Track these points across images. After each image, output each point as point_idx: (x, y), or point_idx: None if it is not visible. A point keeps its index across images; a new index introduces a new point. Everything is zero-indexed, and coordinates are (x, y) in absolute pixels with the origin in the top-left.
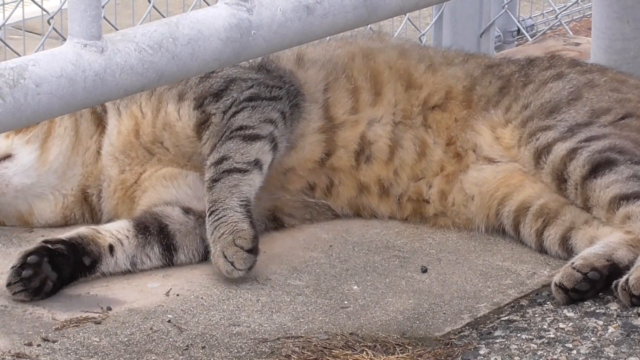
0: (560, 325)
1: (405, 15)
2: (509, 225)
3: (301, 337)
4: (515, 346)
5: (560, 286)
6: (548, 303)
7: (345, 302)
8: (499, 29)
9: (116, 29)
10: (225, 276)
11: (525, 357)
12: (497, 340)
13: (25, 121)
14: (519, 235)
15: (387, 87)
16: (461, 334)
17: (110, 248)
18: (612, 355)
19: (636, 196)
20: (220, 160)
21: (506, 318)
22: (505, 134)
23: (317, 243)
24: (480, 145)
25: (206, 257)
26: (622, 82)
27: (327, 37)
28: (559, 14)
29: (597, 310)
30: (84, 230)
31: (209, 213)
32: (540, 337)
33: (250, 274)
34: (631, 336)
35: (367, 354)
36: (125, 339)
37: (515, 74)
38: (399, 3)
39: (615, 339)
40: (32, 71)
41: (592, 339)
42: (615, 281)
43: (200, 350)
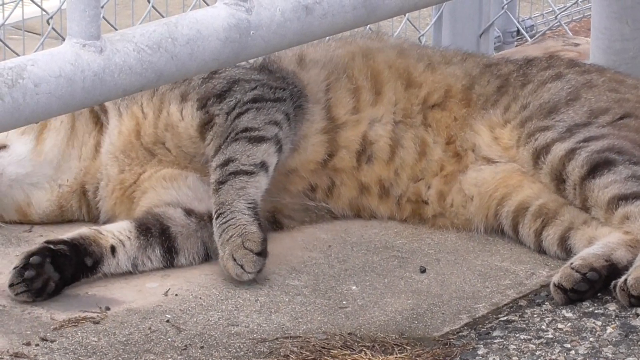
0: (559, 325)
1: (404, 15)
2: (507, 226)
3: (300, 337)
4: (514, 346)
5: (559, 286)
6: (547, 303)
7: (344, 302)
8: (499, 30)
9: (115, 29)
10: (235, 279)
11: (524, 358)
12: (496, 341)
13: (24, 121)
14: (518, 235)
15: (387, 86)
16: (460, 334)
17: (112, 249)
18: (611, 355)
19: (635, 196)
20: (226, 162)
21: (505, 318)
22: (504, 134)
23: (316, 243)
24: (479, 146)
25: (206, 260)
26: (621, 83)
27: (327, 37)
28: (558, 15)
29: (596, 311)
30: (85, 231)
31: (216, 215)
32: (539, 338)
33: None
34: (629, 336)
35: (366, 354)
36: (124, 339)
37: (513, 73)
38: (398, 3)
39: (613, 339)
40: (31, 71)
41: (591, 339)
42: (614, 281)
43: (199, 350)
